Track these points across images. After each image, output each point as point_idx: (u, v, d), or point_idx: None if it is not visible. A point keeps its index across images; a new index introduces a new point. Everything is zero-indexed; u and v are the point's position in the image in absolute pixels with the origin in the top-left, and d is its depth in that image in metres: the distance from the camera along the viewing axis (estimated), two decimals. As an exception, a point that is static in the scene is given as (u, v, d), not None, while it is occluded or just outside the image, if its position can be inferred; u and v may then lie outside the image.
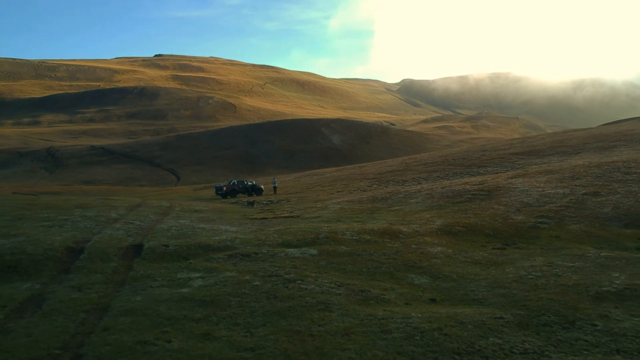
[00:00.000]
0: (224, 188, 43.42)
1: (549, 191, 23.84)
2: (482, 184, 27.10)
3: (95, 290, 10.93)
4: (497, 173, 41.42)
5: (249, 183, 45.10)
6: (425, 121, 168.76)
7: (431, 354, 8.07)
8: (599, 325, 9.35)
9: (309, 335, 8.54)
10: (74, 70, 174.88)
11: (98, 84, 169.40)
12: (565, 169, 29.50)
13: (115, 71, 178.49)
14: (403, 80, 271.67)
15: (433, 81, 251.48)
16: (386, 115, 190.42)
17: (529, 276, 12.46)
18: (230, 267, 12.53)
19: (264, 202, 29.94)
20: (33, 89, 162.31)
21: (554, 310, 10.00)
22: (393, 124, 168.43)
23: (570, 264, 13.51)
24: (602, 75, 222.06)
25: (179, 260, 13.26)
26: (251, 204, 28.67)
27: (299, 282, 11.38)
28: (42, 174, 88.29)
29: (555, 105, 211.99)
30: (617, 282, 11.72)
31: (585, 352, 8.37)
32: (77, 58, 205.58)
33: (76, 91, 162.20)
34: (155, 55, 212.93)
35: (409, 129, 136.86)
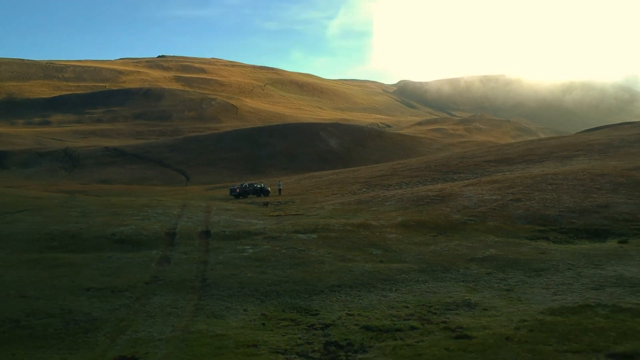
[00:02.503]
0: (237, 190, 52.44)
1: (486, 197, 33.03)
2: (441, 191, 36.33)
3: (195, 254, 20.12)
4: (468, 179, 50.66)
5: (258, 186, 54.19)
6: (419, 123, 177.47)
7: (372, 280, 17.27)
8: (461, 271, 18.57)
9: (313, 272, 17.77)
10: (80, 71, 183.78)
11: (104, 84, 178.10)
12: (507, 180, 38.74)
13: (120, 72, 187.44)
14: (400, 82, 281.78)
15: (426, 83, 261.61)
16: (382, 116, 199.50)
17: (441, 250, 21.66)
18: (265, 243, 21.72)
19: (275, 203, 39.11)
20: (42, 89, 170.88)
21: (441, 265, 19.22)
22: (389, 126, 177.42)
23: (470, 245, 22.70)
24: (591, 78, 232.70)
25: (233, 240, 22.42)
26: (266, 204, 37.79)
27: (307, 251, 20.58)
28: (62, 173, 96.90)
29: (546, 108, 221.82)
30: (487, 253, 20.94)
31: (447, 281, 17.57)
32: (83, 58, 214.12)
33: (83, 92, 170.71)
34: (159, 56, 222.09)
35: (403, 132, 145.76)
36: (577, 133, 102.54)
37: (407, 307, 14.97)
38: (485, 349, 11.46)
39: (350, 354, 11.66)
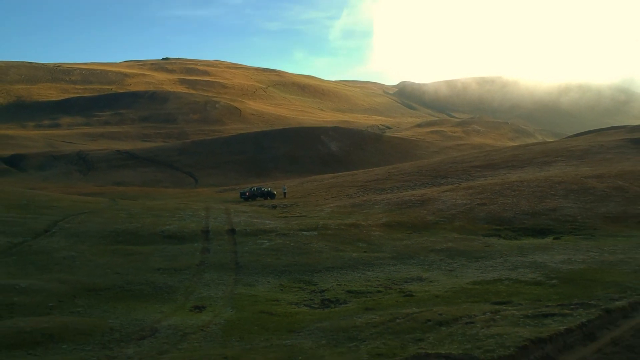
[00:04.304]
0: (247, 193, 59.96)
1: (458, 202, 40.46)
2: (422, 195, 43.82)
3: (226, 246, 27.66)
4: (453, 184, 58.05)
5: (265, 189, 61.70)
6: (419, 125, 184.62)
7: (356, 264, 24.79)
8: (421, 258, 26.06)
9: (314, 258, 25.32)
10: (87, 74, 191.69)
11: (110, 87, 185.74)
12: (480, 186, 46.18)
13: (126, 75, 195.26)
14: (400, 83, 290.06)
15: (424, 84, 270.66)
16: (383, 118, 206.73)
17: (411, 244, 29.13)
18: (278, 239, 29.24)
19: (282, 206, 46.62)
20: (50, 92, 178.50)
21: (408, 254, 26.73)
22: (389, 127, 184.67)
23: (434, 240, 30.14)
24: (588, 79, 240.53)
25: (253, 236, 29.93)
26: (274, 207, 45.29)
27: (309, 244, 28.10)
28: (77, 175, 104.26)
29: (543, 109, 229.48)
30: (445, 246, 28.36)
31: (410, 265, 25.04)
32: (87, 60, 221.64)
33: (90, 94, 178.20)
34: (163, 59, 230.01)
35: (401, 135, 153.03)
36: (562, 139, 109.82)
37: (378, 280, 22.46)
38: (420, 301, 18.91)
39: (337, 304, 19.14)
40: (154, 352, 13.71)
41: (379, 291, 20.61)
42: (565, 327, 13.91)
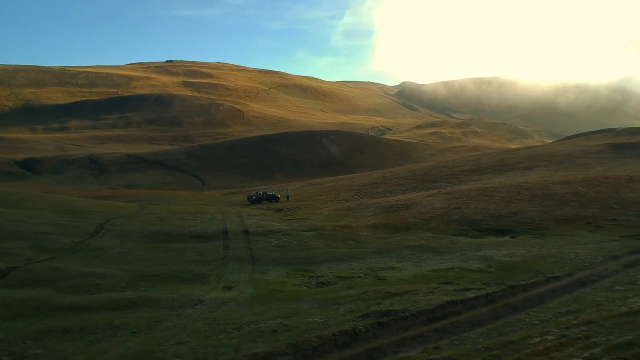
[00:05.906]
0: (254, 197, 67.82)
1: (437, 206, 48.16)
2: (407, 200, 51.54)
3: (242, 244, 35.48)
4: (439, 189, 65.72)
5: (270, 193, 69.56)
6: (418, 126, 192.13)
7: (345, 258, 32.58)
8: (397, 252, 33.82)
9: (312, 253, 33.17)
10: (93, 77, 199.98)
11: (116, 90, 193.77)
12: (458, 191, 53.88)
13: (131, 78, 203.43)
14: (400, 84, 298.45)
15: (422, 85, 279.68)
16: (383, 119, 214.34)
17: (391, 242, 36.83)
18: (285, 238, 37.02)
19: (286, 209, 54.44)
20: (57, 96, 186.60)
21: (387, 249, 34.50)
22: (389, 129, 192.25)
23: (410, 238, 37.85)
24: (585, 79, 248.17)
25: (263, 235, 37.70)
26: (279, 210, 53.10)
27: (309, 242, 35.90)
28: (90, 179, 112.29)
29: (540, 109, 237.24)
30: (417, 243, 36.09)
31: (387, 258, 32.77)
32: (94, 64, 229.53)
33: (97, 98, 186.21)
34: (167, 61, 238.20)
35: (401, 136, 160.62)
36: (550, 143, 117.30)
37: (360, 269, 30.19)
38: (388, 282, 26.61)
39: (328, 285, 26.88)
40: (205, 311, 21.48)
41: (359, 276, 28.34)
42: (475, 295, 21.63)
